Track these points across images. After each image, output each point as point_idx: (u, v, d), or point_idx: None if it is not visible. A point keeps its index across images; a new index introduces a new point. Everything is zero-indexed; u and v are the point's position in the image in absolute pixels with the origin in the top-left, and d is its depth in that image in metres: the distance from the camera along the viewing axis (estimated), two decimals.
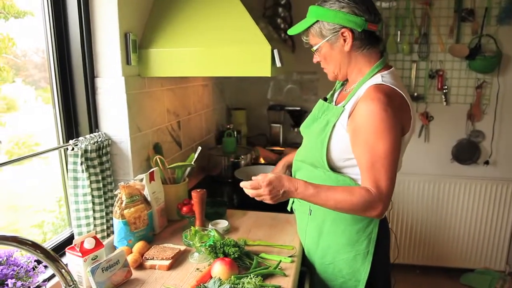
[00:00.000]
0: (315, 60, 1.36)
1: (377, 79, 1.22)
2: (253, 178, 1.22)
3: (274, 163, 2.40)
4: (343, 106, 1.25)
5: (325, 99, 1.42)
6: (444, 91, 2.89)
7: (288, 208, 1.57)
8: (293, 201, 1.52)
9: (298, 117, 2.92)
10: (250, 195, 1.23)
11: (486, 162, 2.94)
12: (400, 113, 1.17)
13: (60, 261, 0.78)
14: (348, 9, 1.19)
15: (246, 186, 1.23)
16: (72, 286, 0.79)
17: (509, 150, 2.92)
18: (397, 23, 2.82)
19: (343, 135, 1.23)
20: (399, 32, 2.83)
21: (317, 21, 1.24)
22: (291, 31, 1.33)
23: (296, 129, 2.93)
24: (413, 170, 3.04)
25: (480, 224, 2.99)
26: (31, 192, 1.58)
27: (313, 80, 3.00)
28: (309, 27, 1.28)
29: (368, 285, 1.31)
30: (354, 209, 1.16)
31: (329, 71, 1.34)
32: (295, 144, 2.66)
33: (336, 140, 1.24)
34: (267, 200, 1.19)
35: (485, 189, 2.92)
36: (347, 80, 1.38)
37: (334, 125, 1.25)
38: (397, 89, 1.19)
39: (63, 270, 0.78)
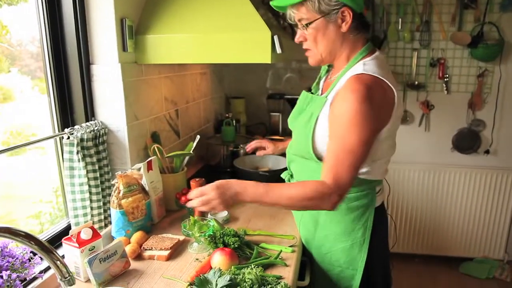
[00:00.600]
0: (297, 39, 1.25)
1: (359, 67, 1.17)
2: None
3: (272, 152, 2.38)
4: (326, 97, 1.21)
5: (309, 90, 1.38)
6: (445, 79, 2.85)
7: None
8: None
9: None
10: (198, 203, 1.17)
11: (487, 151, 2.92)
12: (380, 105, 1.12)
13: (55, 253, 0.76)
14: None
15: (191, 196, 1.19)
16: (68, 278, 0.76)
17: (509, 139, 2.90)
18: (398, 10, 2.77)
19: (327, 126, 1.19)
20: (400, 19, 2.79)
21: None
22: (278, 2, 1.22)
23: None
24: (413, 159, 3.02)
25: (479, 213, 2.98)
26: (28, 183, 1.56)
27: (313, 69, 2.95)
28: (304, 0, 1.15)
29: (365, 273, 1.30)
30: (307, 203, 1.13)
31: (314, 53, 1.25)
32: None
33: (321, 131, 1.21)
34: (217, 205, 1.15)
35: (485, 178, 2.91)
36: (331, 66, 1.34)
37: (317, 117, 1.21)
38: (380, 77, 1.13)
39: (58, 262, 0.75)
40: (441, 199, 3.01)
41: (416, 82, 2.89)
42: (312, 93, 1.37)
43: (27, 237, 0.76)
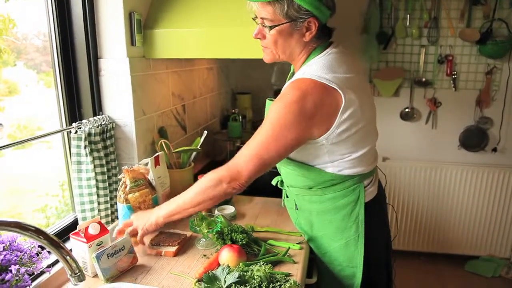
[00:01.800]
0: (256, 35, 1.19)
1: (301, 71, 1.15)
2: None
3: None
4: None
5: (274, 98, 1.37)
6: (453, 76, 2.82)
7: (282, 205, 1.54)
8: (284, 197, 1.49)
9: None
10: (129, 233, 1.25)
11: (494, 149, 2.89)
12: (315, 110, 1.08)
13: (64, 248, 0.75)
14: None
15: (122, 229, 1.28)
16: (78, 274, 0.76)
17: None
18: (406, 6, 2.74)
19: None
20: (408, 16, 2.76)
21: None
22: None
23: None
24: (420, 157, 3.00)
25: (486, 211, 2.96)
26: (34, 177, 1.55)
27: None
28: (273, 0, 1.09)
29: (367, 268, 1.28)
30: (205, 195, 1.17)
31: (271, 52, 1.20)
32: None
33: None
34: (144, 228, 1.24)
35: (492, 176, 2.88)
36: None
37: None
38: (319, 80, 1.08)
39: (68, 257, 0.75)
40: (448, 197, 2.99)
41: (424, 79, 2.86)
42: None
43: (37, 232, 0.76)
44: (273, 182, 1.48)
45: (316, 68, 1.12)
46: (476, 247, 3.04)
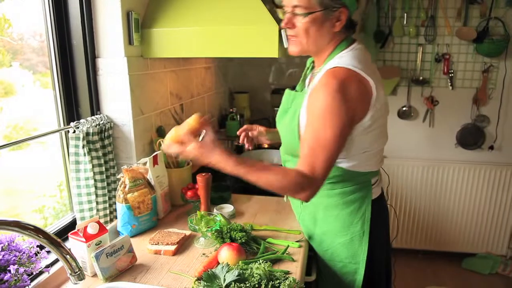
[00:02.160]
0: (286, 24, 1.19)
1: (334, 61, 1.16)
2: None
3: (277, 147, 2.36)
4: (306, 92, 1.22)
5: (294, 88, 1.37)
6: (450, 75, 2.83)
7: (285, 199, 1.55)
8: None
9: None
10: (175, 148, 1.14)
11: (491, 147, 2.90)
12: (355, 98, 1.10)
13: (64, 247, 0.75)
14: None
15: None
16: (78, 272, 0.76)
17: None
18: (403, 5, 2.75)
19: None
20: (405, 14, 2.76)
21: None
22: None
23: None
24: (417, 155, 3.01)
25: (482, 209, 2.98)
26: (31, 177, 1.55)
27: None
28: None
29: (368, 266, 1.28)
30: (284, 190, 1.15)
31: (300, 42, 1.20)
32: None
33: (303, 127, 1.19)
34: (190, 157, 1.14)
35: (489, 174, 2.90)
36: (313, 62, 1.34)
37: (299, 113, 1.20)
38: (354, 69, 1.12)
39: (67, 256, 0.75)
40: (445, 195, 3.00)
41: (421, 78, 2.87)
42: (296, 90, 1.36)
43: (36, 231, 0.75)
44: None
45: (349, 59, 1.14)
46: (473, 244, 3.06)
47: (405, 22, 2.78)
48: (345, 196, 1.26)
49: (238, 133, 1.53)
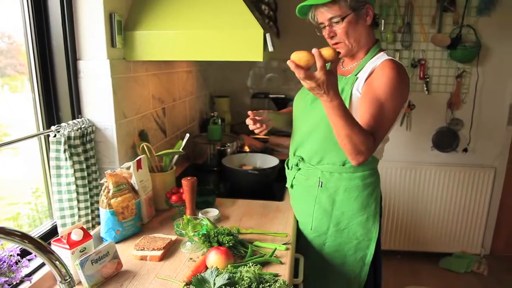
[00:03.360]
0: (330, 33, 1.35)
1: (384, 55, 1.36)
2: None
3: (259, 151, 2.37)
4: (355, 75, 1.37)
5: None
6: (426, 80, 2.92)
7: (288, 185, 1.60)
8: (294, 177, 1.55)
9: (283, 105, 2.88)
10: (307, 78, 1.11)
11: (465, 150, 3.01)
12: (407, 86, 1.33)
13: (53, 253, 0.73)
14: None
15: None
16: (68, 280, 0.73)
17: (486, 138, 3.00)
18: (381, 12, 2.82)
19: (358, 98, 1.34)
20: (383, 21, 2.84)
21: None
22: (314, 1, 1.31)
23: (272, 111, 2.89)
24: (395, 158, 3.08)
25: (458, 209, 3.07)
26: (3, 184, 1.49)
27: None
28: None
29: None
30: (356, 145, 1.22)
31: (346, 44, 1.37)
32: (279, 132, 2.63)
33: (354, 105, 1.34)
34: (317, 86, 1.12)
35: (463, 175, 3.00)
36: (340, 58, 1.47)
37: (351, 92, 1.35)
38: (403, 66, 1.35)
39: (57, 262, 0.72)
40: (422, 197, 3.08)
41: None
42: None
43: (22, 237, 0.73)
44: (292, 159, 1.56)
45: (395, 58, 1.40)
46: (449, 244, 3.15)
47: (382, 28, 2.85)
48: (364, 179, 1.43)
49: (247, 121, 1.56)
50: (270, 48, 1.47)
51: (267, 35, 1.45)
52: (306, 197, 1.50)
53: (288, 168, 1.60)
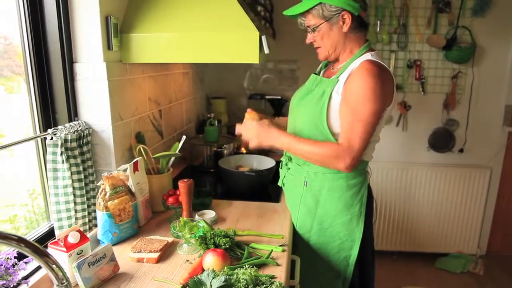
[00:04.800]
0: (308, 40, 1.47)
1: (367, 56, 1.37)
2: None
3: (256, 152, 2.38)
4: (337, 78, 1.39)
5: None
6: (422, 80, 2.94)
7: (279, 184, 1.65)
8: (284, 176, 1.61)
9: (279, 106, 2.89)
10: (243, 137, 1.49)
11: (461, 150, 3.02)
12: (387, 86, 1.32)
13: (50, 256, 0.73)
14: None
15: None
16: (65, 283, 0.73)
17: (482, 138, 3.02)
18: (377, 13, 2.84)
19: (338, 102, 1.36)
20: (378, 22, 2.85)
21: (319, 3, 1.35)
22: (289, 12, 1.42)
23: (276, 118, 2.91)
24: (391, 158, 3.09)
25: (454, 210, 3.09)
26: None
27: (294, 69, 2.98)
28: (310, 9, 1.37)
29: (361, 243, 1.48)
30: (323, 159, 1.35)
31: (323, 50, 1.45)
32: None
33: (333, 107, 1.37)
34: (261, 143, 1.44)
35: (459, 176, 3.01)
36: (333, 61, 1.51)
37: (330, 94, 1.37)
38: (385, 65, 1.35)
39: (54, 266, 0.72)
40: (418, 197, 3.10)
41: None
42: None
43: (19, 241, 0.73)
44: (283, 159, 1.64)
45: (379, 58, 1.37)
46: (445, 244, 3.16)
47: (378, 29, 2.86)
48: (348, 179, 1.45)
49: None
50: (266, 50, 1.48)
51: (263, 37, 1.46)
52: (293, 195, 1.57)
53: (280, 167, 1.65)
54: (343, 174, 1.43)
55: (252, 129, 1.47)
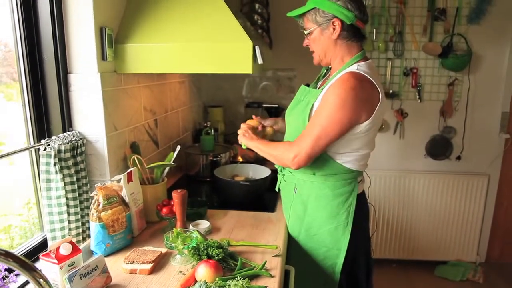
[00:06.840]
0: (304, 43, 1.51)
1: (353, 67, 1.37)
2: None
3: (252, 161, 2.37)
4: (321, 89, 1.41)
5: (307, 85, 1.57)
6: (418, 88, 2.95)
7: (276, 189, 1.69)
8: (280, 182, 1.64)
9: (276, 114, 2.90)
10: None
11: (458, 157, 3.02)
12: (365, 99, 1.32)
13: (37, 271, 0.73)
14: (342, 3, 1.35)
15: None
16: None
17: (479, 145, 3.02)
18: (373, 21, 2.85)
19: None
20: (375, 30, 2.87)
21: (314, 8, 1.39)
22: (290, 14, 1.47)
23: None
24: (389, 166, 3.09)
25: (452, 217, 3.08)
26: None
27: (291, 77, 2.99)
28: (306, 12, 1.42)
29: (349, 253, 1.49)
30: (277, 157, 1.44)
31: (315, 54, 1.49)
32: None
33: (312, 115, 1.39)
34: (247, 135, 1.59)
35: (457, 183, 3.01)
36: (329, 69, 1.55)
37: (313, 105, 1.40)
38: (369, 77, 1.33)
39: (41, 280, 0.72)
40: (416, 205, 3.09)
41: (391, 91, 2.97)
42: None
43: (6, 255, 0.72)
44: (277, 166, 1.65)
45: (366, 68, 1.37)
46: (444, 252, 3.15)
47: (374, 38, 2.88)
48: (335, 189, 1.46)
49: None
50: (260, 61, 1.48)
51: (257, 48, 1.47)
52: (286, 201, 1.61)
53: (278, 173, 1.69)
54: (329, 183, 1.45)
55: (242, 131, 1.62)
